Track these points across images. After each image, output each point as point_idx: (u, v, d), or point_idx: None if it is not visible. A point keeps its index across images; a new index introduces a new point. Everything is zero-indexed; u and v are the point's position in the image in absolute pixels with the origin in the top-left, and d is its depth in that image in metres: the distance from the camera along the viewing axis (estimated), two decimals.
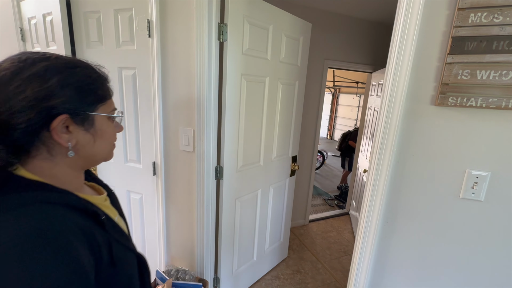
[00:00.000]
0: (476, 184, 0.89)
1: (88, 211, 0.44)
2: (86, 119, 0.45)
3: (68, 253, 0.36)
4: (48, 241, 0.35)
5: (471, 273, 0.96)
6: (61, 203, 0.40)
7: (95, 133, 0.47)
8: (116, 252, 0.46)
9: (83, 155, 0.47)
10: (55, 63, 0.41)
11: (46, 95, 0.39)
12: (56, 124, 0.40)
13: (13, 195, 0.37)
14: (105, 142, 0.50)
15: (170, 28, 1.30)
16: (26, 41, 1.74)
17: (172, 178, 1.49)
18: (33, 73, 0.38)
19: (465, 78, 0.84)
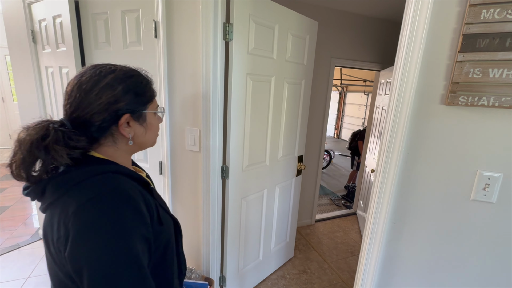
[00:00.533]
0: (488, 185, 0.87)
1: (142, 181, 0.58)
2: (141, 116, 0.59)
3: (137, 207, 0.50)
4: (123, 197, 0.49)
5: (481, 276, 0.93)
6: (124, 174, 0.55)
7: (147, 126, 0.61)
8: (162, 213, 0.59)
9: (137, 143, 0.61)
10: (119, 74, 0.55)
11: (115, 100, 0.53)
12: (123, 122, 0.56)
13: (92, 166, 0.52)
14: (153, 132, 0.64)
15: (176, 28, 1.31)
16: (37, 42, 1.78)
17: (178, 177, 1.50)
18: (105, 84, 0.53)
19: (477, 77, 0.81)
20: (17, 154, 0.48)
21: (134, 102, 0.56)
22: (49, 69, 1.76)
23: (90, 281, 0.43)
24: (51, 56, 1.70)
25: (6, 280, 1.86)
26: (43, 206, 0.51)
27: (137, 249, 0.47)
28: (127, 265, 0.45)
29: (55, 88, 1.75)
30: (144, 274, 0.48)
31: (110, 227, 0.45)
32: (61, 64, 1.65)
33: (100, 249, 0.44)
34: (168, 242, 0.61)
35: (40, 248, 2.22)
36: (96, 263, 0.44)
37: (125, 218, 0.47)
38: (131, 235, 0.47)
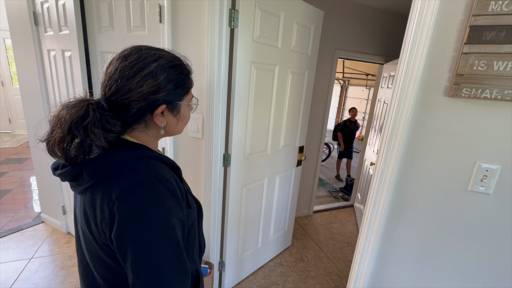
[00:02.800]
0: (486, 177, 0.89)
1: (174, 166, 0.60)
2: (176, 107, 0.58)
3: (174, 192, 0.53)
4: (163, 183, 0.51)
5: (477, 265, 0.96)
6: (159, 159, 0.56)
7: (179, 117, 0.61)
8: (190, 198, 0.61)
9: (167, 132, 0.62)
10: (163, 63, 0.54)
11: (156, 90, 0.53)
12: (158, 112, 0.56)
13: (128, 152, 0.53)
14: (184, 123, 0.64)
15: (181, 13, 1.30)
16: (39, 25, 1.76)
17: (180, 164, 1.52)
18: (148, 72, 0.52)
19: (481, 69, 0.82)
20: (55, 131, 0.48)
21: (173, 93, 0.56)
22: (51, 52, 1.75)
23: (135, 260, 0.47)
24: (53, 39, 1.69)
25: (10, 260, 1.90)
26: (81, 187, 0.52)
27: (176, 231, 0.51)
28: (169, 245, 0.49)
29: (58, 71, 1.74)
30: (182, 254, 0.51)
31: (153, 211, 0.48)
32: (63, 48, 1.63)
33: (145, 231, 0.47)
34: (193, 224, 0.64)
35: (42, 231, 2.26)
36: (141, 243, 0.47)
37: (166, 203, 0.50)
38: (171, 218, 0.50)
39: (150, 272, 0.47)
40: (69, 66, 1.64)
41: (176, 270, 0.50)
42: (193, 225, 0.63)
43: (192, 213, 0.61)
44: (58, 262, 1.91)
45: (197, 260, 0.70)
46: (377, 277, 1.16)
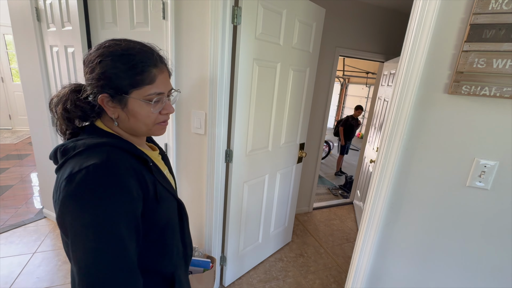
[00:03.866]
0: (484, 173, 0.91)
1: (140, 157, 0.58)
2: (122, 100, 0.56)
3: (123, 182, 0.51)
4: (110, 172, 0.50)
5: (475, 259, 0.99)
6: (122, 148, 0.56)
7: (128, 113, 0.58)
8: (160, 191, 0.60)
9: (123, 127, 0.61)
10: (106, 52, 0.54)
11: (98, 78, 0.54)
12: (100, 100, 0.56)
13: (93, 138, 0.56)
14: (138, 120, 0.59)
15: (184, 10, 1.31)
16: (42, 21, 1.76)
17: (183, 159, 1.54)
18: (98, 60, 0.54)
19: (481, 67, 0.84)
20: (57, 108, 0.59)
21: (113, 85, 0.54)
22: (54, 48, 1.75)
23: (71, 247, 0.47)
24: (56, 35, 1.69)
25: (14, 254, 1.92)
26: (56, 169, 0.55)
27: (118, 225, 0.48)
28: (104, 239, 0.47)
29: (60, 67, 1.75)
30: (123, 250, 0.48)
31: (91, 201, 0.47)
32: (66, 44, 1.64)
33: (79, 219, 0.46)
34: (168, 223, 0.62)
35: (45, 226, 2.28)
36: (76, 232, 0.47)
37: (109, 194, 0.48)
38: (113, 210, 0.48)
39: (81, 263, 0.46)
40: (72, 62, 1.64)
41: (110, 265, 0.47)
42: (168, 225, 0.62)
43: (163, 209, 0.60)
44: (61, 257, 1.93)
45: (179, 263, 0.69)
46: (376, 272, 1.18)
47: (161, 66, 0.58)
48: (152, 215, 0.57)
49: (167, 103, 0.61)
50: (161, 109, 0.60)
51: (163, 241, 0.62)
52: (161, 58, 0.60)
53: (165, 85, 0.59)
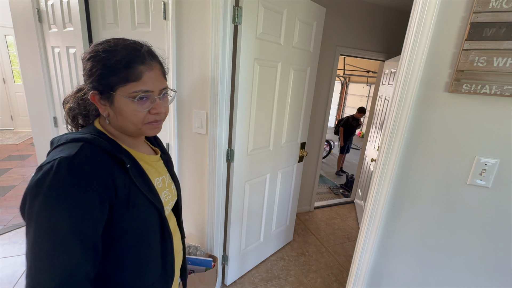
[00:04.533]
0: (485, 171, 0.91)
1: (117, 158, 0.55)
2: (110, 97, 0.55)
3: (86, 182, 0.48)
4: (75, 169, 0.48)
5: (476, 257, 0.99)
6: (99, 146, 0.53)
7: (115, 110, 0.56)
8: (134, 197, 0.56)
9: (113, 125, 0.60)
10: (94, 51, 0.54)
11: (88, 75, 0.56)
12: (91, 97, 0.57)
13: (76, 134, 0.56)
14: (125, 119, 0.57)
15: (185, 10, 1.31)
16: (43, 22, 1.77)
17: (185, 159, 1.55)
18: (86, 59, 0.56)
19: (481, 65, 0.84)
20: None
21: (100, 82, 0.54)
22: (56, 49, 1.76)
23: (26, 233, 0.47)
24: (57, 36, 1.70)
25: (17, 254, 1.94)
26: None
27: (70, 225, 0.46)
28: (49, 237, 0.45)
29: (62, 68, 1.76)
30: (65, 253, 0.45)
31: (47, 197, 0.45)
32: (68, 44, 1.65)
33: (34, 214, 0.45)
34: (143, 235, 0.58)
35: None
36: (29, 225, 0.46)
37: (66, 193, 0.46)
38: (63, 212, 0.46)
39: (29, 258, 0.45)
40: (74, 63, 1.65)
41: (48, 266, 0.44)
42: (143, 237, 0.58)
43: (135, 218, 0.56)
44: None
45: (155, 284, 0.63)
46: (378, 271, 1.19)
47: (150, 63, 0.56)
48: (120, 221, 0.53)
49: (158, 102, 0.58)
50: (150, 108, 0.57)
51: (135, 255, 0.58)
52: (151, 55, 0.58)
53: (154, 82, 0.56)
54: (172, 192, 0.72)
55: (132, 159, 0.59)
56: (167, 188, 0.69)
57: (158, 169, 0.68)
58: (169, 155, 0.79)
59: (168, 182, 0.71)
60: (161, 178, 0.68)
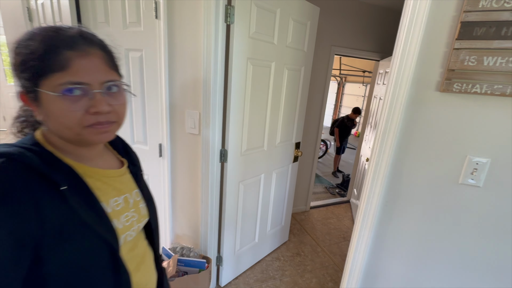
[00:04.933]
0: (476, 170, 0.91)
1: (48, 177, 0.42)
2: (36, 95, 0.43)
3: None
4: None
5: (469, 256, 0.99)
6: (27, 164, 0.41)
7: (45, 111, 0.44)
8: (70, 228, 0.43)
9: (51, 130, 0.47)
10: (17, 41, 0.44)
11: (13, 72, 0.45)
12: (21, 98, 0.46)
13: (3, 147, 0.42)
14: (56, 122, 0.44)
15: (177, 9, 1.30)
16: (33, 21, 1.74)
17: (178, 160, 1.53)
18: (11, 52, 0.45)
19: (472, 64, 0.84)
20: None
21: (22, 77, 0.44)
22: None
23: None
24: None
25: None
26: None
27: None
28: None
29: None
30: None
31: None
32: None
33: None
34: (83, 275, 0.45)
35: None
36: None
37: None
38: None
39: None
40: None
41: None
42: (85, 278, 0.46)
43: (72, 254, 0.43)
44: None
45: None
46: (371, 270, 1.19)
47: (83, 48, 0.44)
48: (52, 260, 0.42)
49: (98, 99, 0.45)
50: (89, 107, 0.45)
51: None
52: (85, 38, 0.46)
53: (90, 73, 0.44)
54: (140, 212, 0.59)
55: (75, 177, 0.46)
56: (132, 209, 0.56)
57: (118, 187, 0.55)
58: (140, 167, 0.67)
59: (134, 200, 0.58)
60: (122, 197, 0.54)
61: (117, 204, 0.53)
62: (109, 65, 0.48)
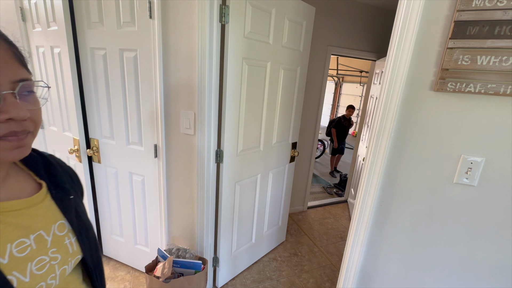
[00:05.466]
0: (470, 169, 0.91)
1: None
2: None
3: None
4: None
5: (464, 255, 0.99)
6: None
7: None
8: None
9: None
10: None
11: None
12: None
13: None
14: None
15: (171, 9, 1.29)
16: (27, 21, 1.72)
17: (173, 160, 1.52)
18: None
19: (465, 64, 0.84)
20: None
21: None
22: (40, 49, 1.72)
23: None
24: (42, 35, 1.66)
25: None
26: None
27: None
28: None
29: (47, 68, 1.72)
30: None
31: None
32: (52, 44, 1.61)
33: None
34: None
35: None
36: None
37: None
38: None
39: None
40: (59, 63, 1.61)
41: None
42: None
43: None
44: None
45: None
46: (367, 270, 1.18)
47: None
48: None
49: (11, 102, 0.35)
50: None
51: None
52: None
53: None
54: (65, 251, 0.45)
55: None
56: (50, 249, 0.43)
57: (25, 223, 0.41)
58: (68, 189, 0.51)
59: (54, 237, 0.44)
60: (32, 236, 0.41)
61: (23, 249, 0.39)
62: (19, 61, 0.38)
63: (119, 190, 1.72)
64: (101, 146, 1.67)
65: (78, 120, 1.58)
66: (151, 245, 1.74)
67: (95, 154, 1.69)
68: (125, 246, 1.85)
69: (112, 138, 1.62)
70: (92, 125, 1.66)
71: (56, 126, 1.76)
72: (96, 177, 1.78)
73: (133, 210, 1.73)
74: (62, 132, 1.72)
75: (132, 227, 1.77)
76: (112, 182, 1.72)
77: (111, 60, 1.46)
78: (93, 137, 1.68)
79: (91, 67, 1.54)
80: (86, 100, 1.63)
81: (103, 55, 1.48)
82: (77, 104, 1.57)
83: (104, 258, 1.95)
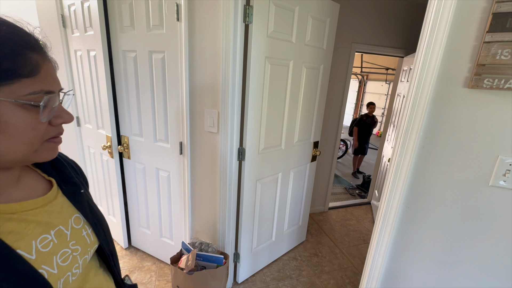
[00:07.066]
0: (509, 171, 0.85)
1: None
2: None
3: None
4: None
5: (499, 264, 0.93)
6: None
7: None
8: None
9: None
10: None
11: None
12: None
13: None
14: (14, 139, 0.35)
15: (197, 11, 1.33)
16: (67, 27, 1.87)
17: (197, 157, 1.58)
18: None
19: (505, 58, 0.78)
20: None
21: None
22: (78, 52, 1.86)
23: None
24: (79, 39, 1.79)
25: None
26: None
27: None
28: None
29: (83, 70, 1.85)
30: None
31: None
32: (89, 48, 1.73)
33: None
34: None
35: None
36: None
37: None
38: None
39: None
40: (94, 65, 1.73)
41: None
42: None
43: None
44: None
45: None
46: (391, 274, 1.15)
47: (44, 53, 0.39)
48: None
49: (60, 109, 0.40)
50: (51, 117, 0.39)
51: None
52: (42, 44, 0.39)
53: (55, 80, 0.40)
54: (84, 242, 0.48)
55: None
56: (71, 241, 0.45)
57: (45, 220, 0.42)
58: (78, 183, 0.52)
59: (73, 230, 0.47)
60: (54, 230, 0.43)
61: (46, 244, 0.41)
62: None
63: (146, 185, 1.81)
64: (131, 143, 1.77)
65: (110, 118, 1.69)
66: (175, 238, 1.82)
67: (126, 151, 1.80)
68: (152, 238, 1.95)
69: (141, 136, 1.71)
70: (123, 123, 1.76)
71: (91, 124, 1.90)
72: (126, 172, 1.89)
73: (159, 204, 1.81)
74: (96, 129, 1.85)
75: (158, 220, 1.86)
76: (140, 177, 1.82)
77: (141, 62, 1.55)
78: (123, 134, 1.78)
79: (122, 69, 1.64)
80: (118, 99, 1.74)
81: (133, 57, 1.57)
82: (110, 103, 1.68)
83: (132, 248, 2.07)
